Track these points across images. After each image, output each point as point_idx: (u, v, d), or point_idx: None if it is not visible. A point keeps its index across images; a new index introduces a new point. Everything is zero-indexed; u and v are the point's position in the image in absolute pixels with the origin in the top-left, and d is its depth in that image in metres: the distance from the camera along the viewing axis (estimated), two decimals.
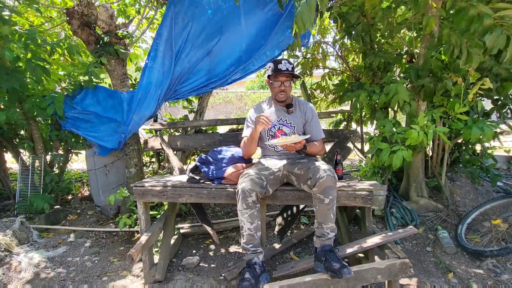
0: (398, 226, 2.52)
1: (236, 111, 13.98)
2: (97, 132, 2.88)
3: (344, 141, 2.59)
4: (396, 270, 1.59)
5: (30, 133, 2.96)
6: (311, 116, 2.02)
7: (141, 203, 2.00)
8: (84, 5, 2.75)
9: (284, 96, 1.96)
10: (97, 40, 2.92)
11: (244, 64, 2.92)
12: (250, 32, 2.85)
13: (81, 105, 2.84)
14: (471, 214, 2.43)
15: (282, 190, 1.89)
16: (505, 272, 1.95)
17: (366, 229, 1.90)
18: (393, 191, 2.89)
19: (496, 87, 2.42)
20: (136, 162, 3.01)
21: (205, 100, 3.40)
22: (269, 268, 2.04)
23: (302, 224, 2.76)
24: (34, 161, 2.92)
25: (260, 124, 1.80)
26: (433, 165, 2.80)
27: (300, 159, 1.95)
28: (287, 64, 1.89)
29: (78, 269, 2.13)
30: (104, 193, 3.15)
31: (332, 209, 1.64)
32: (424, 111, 2.51)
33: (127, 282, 1.98)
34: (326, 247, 1.64)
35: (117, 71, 2.96)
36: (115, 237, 2.61)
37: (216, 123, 3.04)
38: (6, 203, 3.08)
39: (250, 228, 1.69)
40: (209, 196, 1.93)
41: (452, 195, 2.73)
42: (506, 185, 2.97)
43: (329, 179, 1.61)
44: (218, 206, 3.24)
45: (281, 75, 1.91)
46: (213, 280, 1.95)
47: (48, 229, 2.70)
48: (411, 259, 2.13)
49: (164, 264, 2.00)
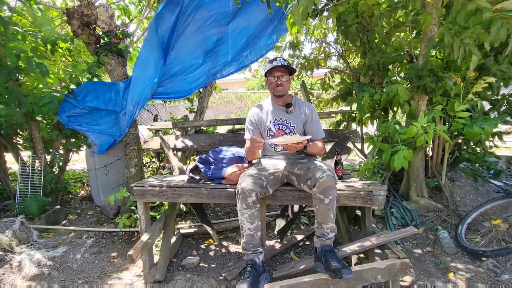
0: (398, 226, 2.52)
1: (236, 111, 13.96)
2: (100, 125, 2.95)
3: (344, 141, 2.59)
4: (396, 270, 1.59)
5: (30, 133, 2.96)
6: (311, 115, 2.02)
7: (141, 203, 1.99)
8: (85, 5, 2.75)
9: (282, 90, 1.96)
10: (97, 40, 2.93)
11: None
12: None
13: (82, 102, 2.86)
14: (471, 214, 2.43)
15: (282, 190, 1.89)
16: (505, 272, 1.94)
17: (366, 229, 1.90)
18: (393, 191, 2.89)
19: (496, 86, 2.43)
20: (136, 162, 3.01)
21: (205, 100, 3.40)
22: (269, 268, 2.04)
23: (302, 224, 2.76)
24: (34, 161, 2.92)
25: (255, 147, 1.84)
26: (433, 165, 2.80)
27: (300, 159, 1.95)
28: (281, 60, 1.92)
29: (78, 269, 2.13)
30: (104, 193, 3.15)
31: (332, 209, 1.64)
32: (424, 111, 2.52)
33: (127, 282, 1.97)
34: (326, 247, 1.64)
35: (117, 71, 2.96)
36: (115, 237, 2.61)
37: (216, 123, 3.04)
38: (6, 203, 3.09)
39: (250, 228, 1.69)
40: (209, 196, 1.93)
41: (452, 195, 2.73)
42: (506, 185, 2.97)
43: (329, 179, 1.61)
44: (218, 206, 3.23)
45: (276, 70, 1.93)
46: (213, 280, 1.95)
47: (48, 229, 2.70)
48: (411, 259, 2.13)
49: (164, 264, 2.00)
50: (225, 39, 2.96)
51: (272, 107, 2.05)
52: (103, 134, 2.96)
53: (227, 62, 3.01)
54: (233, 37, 2.95)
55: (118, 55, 2.94)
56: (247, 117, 2.10)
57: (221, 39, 2.96)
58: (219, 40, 2.96)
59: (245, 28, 2.95)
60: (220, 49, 2.98)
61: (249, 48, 3.02)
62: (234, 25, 2.92)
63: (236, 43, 2.97)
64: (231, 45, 2.96)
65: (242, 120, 2.86)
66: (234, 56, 2.99)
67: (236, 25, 2.92)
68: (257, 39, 3.01)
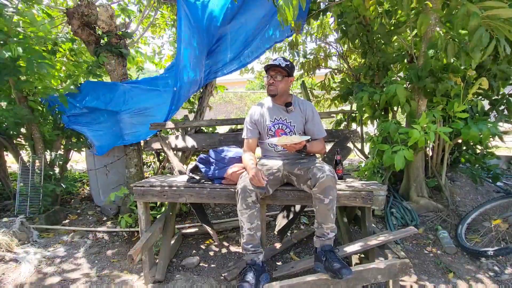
0: (398, 226, 2.52)
1: (236, 111, 13.97)
2: (100, 124, 2.95)
3: (344, 141, 2.58)
4: (396, 270, 1.59)
5: (31, 132, 2.96)
6: (311, 115, 2.01)
7: (141, 203, 1.99)
8: (85, 5, 2.75)
9: (274, 89, 1.94)
10: (97, 40, 2.93)
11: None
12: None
13: (82, 102, 2.86)
14: (471, 214, 2.43)
15: (282, 190, 1.89)
16: (505, 272, 1.95)
17: (366, 229, 1.90)
18: (393, 191, 2.89)
19: (496, 86, 2.43)
20: (136, 162, 3.01)
21: (205, 100, 3.40)
22: (269, 268, 2.03)
23: (302, 224, 2.76)
24: (34, 161, 2.92)
25: (252, 178, 1.71)
26: (433, 165, 2.80)
27: (300, 159, 1.95)
28: (280, 60, 1.91)
29: (78, 269, 2.13)
30: (104, 193, 3.15)
31: (332, 209, 1.64)
32: (424, 111, 2.51)
33: (127, 282, 1.97)
34: (326, 247, 1.64)
35: (117, 71, 2.96)
36: (115, 237, 2.61)
37: (216, 123, 3.03)
38: (6, 203, 3.09)
39: (250, 228, 1.69)
40: (209, 196, 1.93)
41: (452, 195, 2.73)
42: (506, 185, 2.97)
43: (329, 179, 1.60)
44: (218, 206, 3.23)
45: (271, 69, 1.92)
46: (213, 280, 1.95)
47: (48, 229, 2.70)
48: (411, 259, 2.13)
49: (164, 264, 2.00)
50: (225, 38, 2.95)
51: (272, 106, 2.04)
52: (104, 134, 2.96)
53: (226, 61, 3.00)
54: (232, 35, 2.94)
55: (118, 55, 2.94)
56: (247, 117, 2.09)
57: (221, 37, 2.95)
58: (219, 39, 2.95)
59: (243, 25, 2.94)
60: (220, 48, 2.98)
61: (249, 45, 3.00)
62: (234, 23, 2.91)
63: (236, 40, 2.96)
64: (229, 43, 2.95)
65: (242, 120, 2.85)
66: (235, 55, 2.98)
67: (235, 24, 2.92)
68: (257, 36, 3.00)
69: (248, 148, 2.01)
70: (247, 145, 2.03)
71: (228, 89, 14.17)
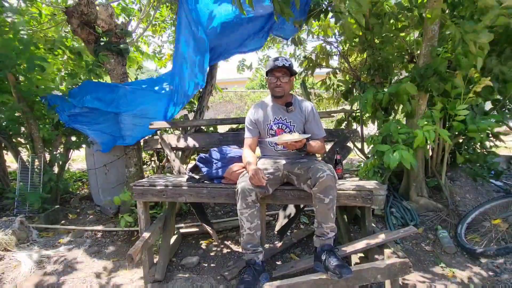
0: (398, 226, 2.52)
1: (236, 110, 13.96)
2: (100, 124, 2.93)
3: (344, 140, 2.58)
4: (396, 269, 1.59)
5: (30, 131, 2.96)
6: (311, 114, 2.01)
7: (141, 202, 1.99)
8: (84, 4, 2.74)
9: (281, 91, 1.94)
10: (97, 39, 2.92)
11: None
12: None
13: (83, 102, 2.85)
14: (471, 214, 2.43)
15: (282, 190, 1.88)
16: (504, 272, 1.94)
17: (366, 229, 1.90)
18: (393, 191, 2.88)
19: (498, 87, 2.42)
20: (136, 162, 3.01)
21: (205, 100, 3.39)
22: (269, 268, 2.03)
23: (302, 224, 2.75)
24: (33, 160, 2.91)
25: (252, 177, 1.69)
26: (433, 165, 2.79)
27: (300, 159, 1.95)
28: (283, 61, 1.90)
29: (77, 268, 2.13)
30: (103, 193, 3.15)
31: (332, 209, 1.64)
32: (424, 111, 2.51)
33: (127, 281, 1.97)
34: (326, 247, 1.64)
35: (117, 71, 2.96)
36: (114, 236, 2.61)
37: (216, 123, 3.03)
38: (5, 203, 3.08)
39: (250, 227, 1.69)
40: (209, 195, 1.92)
41: (452, 195, 2.72)
42: (506, 185, 2.97)
43: (329, 178, 1.60)
44: (218, 206, 3.23)
45: (277, 70, 1.91)
46: (213, 280, 1.95)
47: (47, 228, 2.70)
48: (411, 259, 2.13)
49: (164, 263, 2.00)
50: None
51: (272, 106, 2.03)
52: (104, 134, 2.95)
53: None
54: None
55: (118, 54, 2.93)
56: (247, 117, 2.09)
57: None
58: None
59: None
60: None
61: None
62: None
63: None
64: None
65: (242, 119, 2.85)
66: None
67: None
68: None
69: (248, 148, 2.01)
70: (247, 144, 2.03)
71: (228, 88, 14.08)
